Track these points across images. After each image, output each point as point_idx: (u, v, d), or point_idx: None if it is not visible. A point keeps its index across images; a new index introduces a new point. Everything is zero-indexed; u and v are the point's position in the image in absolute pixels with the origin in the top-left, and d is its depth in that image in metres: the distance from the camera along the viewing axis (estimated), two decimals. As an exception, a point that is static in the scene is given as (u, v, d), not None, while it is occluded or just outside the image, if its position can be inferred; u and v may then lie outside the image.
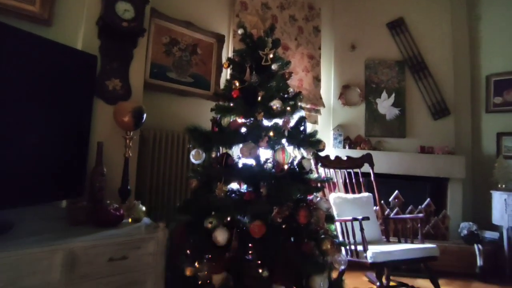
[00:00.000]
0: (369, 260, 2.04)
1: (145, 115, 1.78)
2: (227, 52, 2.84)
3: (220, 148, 1.73)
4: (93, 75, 1.72)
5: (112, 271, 1.28)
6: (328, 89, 3.77)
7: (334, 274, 1.74)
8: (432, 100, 3.70)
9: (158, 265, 1.40)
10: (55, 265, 1.15)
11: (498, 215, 3.13)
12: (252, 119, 1.70)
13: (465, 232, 3.23)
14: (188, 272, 1.66)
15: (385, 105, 3.72)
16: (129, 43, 1.93)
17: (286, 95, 1.83)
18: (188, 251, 1.67)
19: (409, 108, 3.73)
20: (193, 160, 1.74)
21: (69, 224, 1.42)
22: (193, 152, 1.75)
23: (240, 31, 1.85)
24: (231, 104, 1.76)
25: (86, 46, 1.77)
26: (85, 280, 1.21)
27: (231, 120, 1.72)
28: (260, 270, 1.57)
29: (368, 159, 2.80)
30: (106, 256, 1.27)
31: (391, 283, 2.50)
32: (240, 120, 1.72)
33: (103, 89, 1.82)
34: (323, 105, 3.62)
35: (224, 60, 2.70)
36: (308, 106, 3.43)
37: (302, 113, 1.88)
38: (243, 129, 1.68)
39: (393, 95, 3.72)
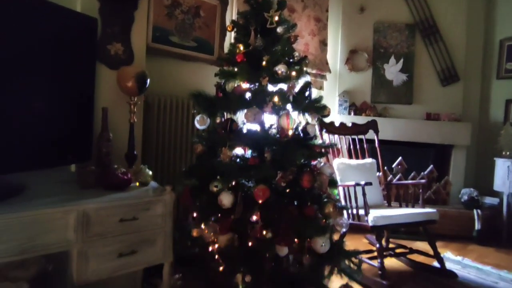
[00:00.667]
0: (370, 224, 2.11)
1: (148, 80, 1.77)
2: (231, 14, 2.74)
3: (225, 113, 1.72)
4: (94, 39, 1.68)
5: (124, 231, 1.34)
6: (335, 54, 3.67)
7: (336, 236, 1.81)
8: (441, 65, 3.59)
9: (167, 225, 1.46)
10: (70, 224, 1.20)
11: (500, 181, 3.16)
12: (256, 84, 1.68)
13: (465, 197, 3.29)
14: (195, 233, 1.73)
15: (392, 70, 3.63)
16: (130, 5, 1.86)
17: (291, 60, 1.79)
18: (194, 213, 1.74)
19: (417, 74, 3.63)
20: (197, 126, 1.75)
21: (79, 187, 1.47)
22: (197, 118, 1.75)
23: (244, -9, 1.77)
24: (235, 69, 1.73)
25: (85, 9, 1.71)
26: (100, 238, 1.28)
27: (236, 85, 1.70)
28: (264, 232, 1.64)
29: (373, 125, 2.78)
30: (117, 217, 1.32)
31: (390, 245, 2.60)
32: (245, 85, 1.70)
33: (105, 53, 1.79)
34: (329, 71, 3.54)
35: (228, 23, 2.61)
36: (314, 71, 3.36)
37: (307, 78, 1.84)
38: (248, 95, 1.67)
39: (402, 60, 3.61)
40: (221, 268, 1.62)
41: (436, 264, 2.37)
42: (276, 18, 1.71)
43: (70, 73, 1.52)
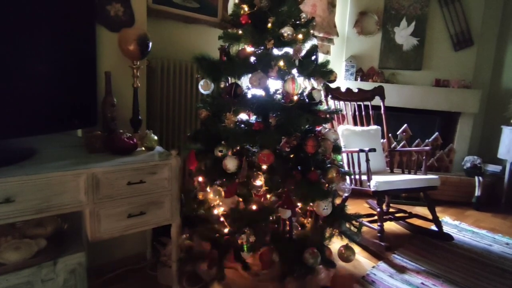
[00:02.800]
0: (372, 189, 2.15)
1: (150, 43, 1.72)
2: (235, -28, 2.58)
3: (229, 78, 1.70)
4: (92, -1, 1.62)
5: (132, 193, 1.39)
6: (343, 16, 3.51)
7: (338, 200, 1.86)
8: (456, 29, 3.43)
9: (173, 188, 1.51)
10: (81, 186, 1.25)
11: (504, 149, 3.15)
12: (261, 47, 1.63)
13: (468, 165, 3.31)
14: (200, 196, 1.79)
15: (403, 34, 3.49)
16: (128, -39, 1.77)
17: (298, 22, 1.72)
18: (200, 177, 1.78)
19: (429, 38, 3.49)
20: (201, 90, 1.74)
21: (87, 151, 1.50)
22: (201, 82, 1.73)
23: None
24: (240, 32, 1.67)
25: (82, -35, 1.62)
26: (109, 199, 1.33)
27: (240, 49, 1.66)
28: (268, 196, 1.68)
29: (379, 92, 2.74)
30: (125, 180, 1.36)
31: (390, 210, 2.68)
32: (249, 49, 1.65)
33: (105, 14, 1.73)
34: (337, 34, 3.40)
35: (231, -19, 2.48)
36: (321, 34, 3.24)
37: (314, 41, 1.78)
38: (252, 58, 1.63)
39: (414, 23, 3.45)
40: (226, 230, 1.69)
41: (434, 228, 2.44)
42: (283, -25, 1.62)
43: (70, 36, 1.48)
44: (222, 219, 1.74)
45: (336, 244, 1.80)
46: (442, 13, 3.44)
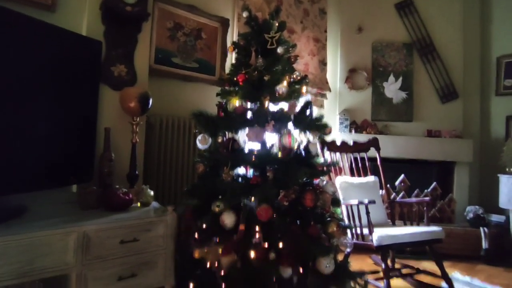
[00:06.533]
0: (375, 243, 2.06)
1: (151, 101, 1.79)
2: (232, 36, 2.80)
3: (226, 133, 1.73)
4: (98, 61, 1.72)
5: (125, 253, 1.32)
6: (334, 73, 3.72)
7: (340, 257, 1.77)
8: (440, 83, 3.63)
9: (168, 247, 1.44)
10: (70, 246, 1.19)
11: (505, 198, 3.11)
12: (258, 103, 1.69)
13: (471, 215, 3.24)
14: (196, 254, 1.70)
15: (392, 88, 3.67)
16: (133, 28, 1.92)
17: (292, 79, 1.81)
18: (196, 234, 1.71)
19: (416, 92, 3.67)
20: (199, 145, 1.75)
21: (80, 208, 1.46)
22: (199, 137, 1.76)
23: (244, 14, 1.82)
24: (237, 89, 1.75)
25: (90, 32, 1.76)
26: (100, 260, 1.25)
27: (237, 105, 1.72)
28: (267, 253, 1.60)
29: (374, 143, 2.78)
30: (118, 239, 1.30)
31: (396, 265, 2.54)
32: (246, 105, 1.71)
33: (109, 75, 1.83)
34: (329, 90, 3.58)
35: (229, 44, 2.67)
36: (314, 90, 3.40)
37: (308, 97, 1.86)
38: (249, 114, 1.68)
39: (401, 78, 3.65)
40: (223, 291, 1.57)
41: (444, 285, 2.30)
42: (276, 38, 1.75)
43: (74, 94, 1.54)
44: (219, 279, 1.62)
45: (341, 306, 1.66)
46: (425, 69, 3.67)
